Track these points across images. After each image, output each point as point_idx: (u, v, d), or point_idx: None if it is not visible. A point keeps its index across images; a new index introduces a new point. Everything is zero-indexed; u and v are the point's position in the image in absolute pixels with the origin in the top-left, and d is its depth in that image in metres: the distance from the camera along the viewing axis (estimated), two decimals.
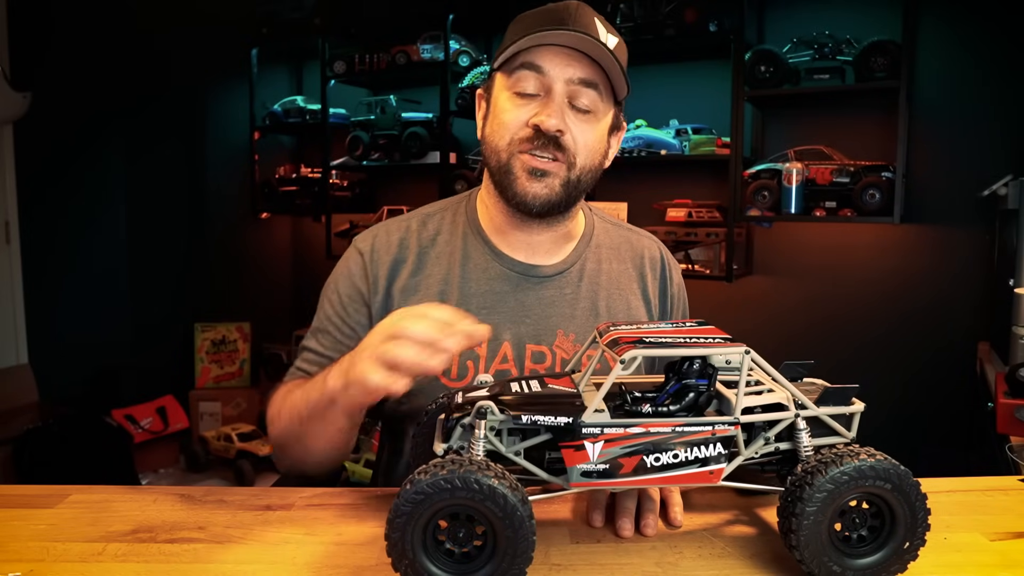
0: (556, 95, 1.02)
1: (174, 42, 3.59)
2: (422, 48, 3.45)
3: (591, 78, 1.03)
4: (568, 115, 1.03)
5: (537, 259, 1.14)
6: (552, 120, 1.01)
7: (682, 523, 0.79)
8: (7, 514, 0.87)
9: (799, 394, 0.74)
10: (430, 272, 1.13)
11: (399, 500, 0.64)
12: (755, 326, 3.07)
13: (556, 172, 1.05)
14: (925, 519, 0.69)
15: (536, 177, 1.04)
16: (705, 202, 3.04)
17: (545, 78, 1.02)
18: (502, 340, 1.10)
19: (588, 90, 1.03)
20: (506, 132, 1.05)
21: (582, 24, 1.01)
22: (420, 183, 3.77)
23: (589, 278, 1.16)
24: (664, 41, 2.93)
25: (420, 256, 1.14)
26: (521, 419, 0.71)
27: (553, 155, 1.04)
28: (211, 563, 0.76)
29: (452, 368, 1.08)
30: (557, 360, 1.10)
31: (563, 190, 1.06)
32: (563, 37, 1.00)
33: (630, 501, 0.80)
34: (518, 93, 1.04)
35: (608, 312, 1.15)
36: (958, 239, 2.72)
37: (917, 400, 2.79)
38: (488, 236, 1.15)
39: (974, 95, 2.67)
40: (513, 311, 1.11)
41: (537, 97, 1.04)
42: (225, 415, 3.82)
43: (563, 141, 1.03)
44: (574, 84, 1.03)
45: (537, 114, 1.03)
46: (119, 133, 3.61)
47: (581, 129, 1.05)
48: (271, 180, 4.11)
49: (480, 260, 1.13)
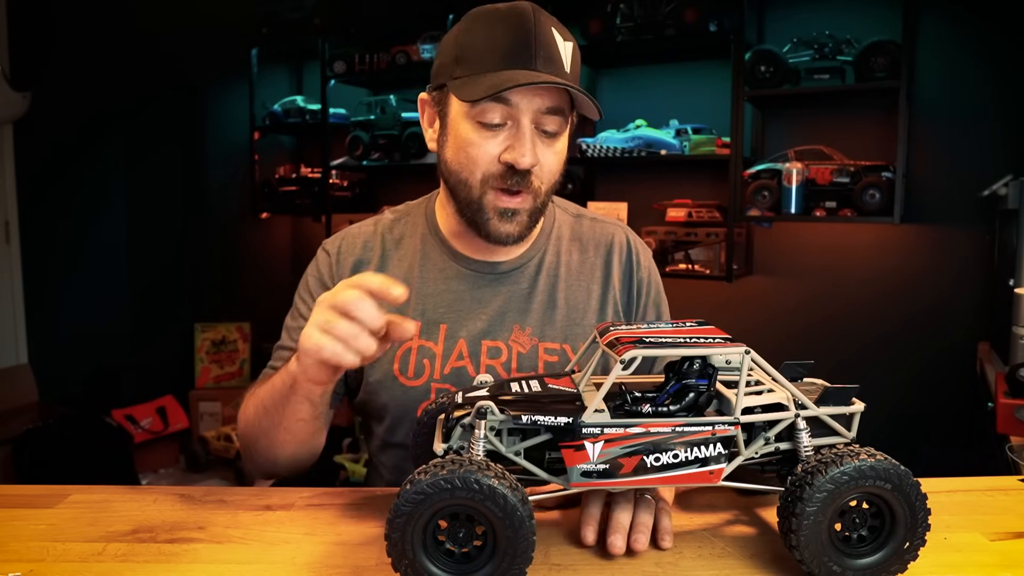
0: (525, 128, 0.99)
1: (174, 42, 3.59)
2: (422, 48, 3.45)
3: (558, 105, 1.01)
4: (536, 143, 1.01)
5: (495, 256, 1.15)
6: (527, 159, 0.99)
7: (670, 547, 0.79)
8: (7, 514, 0.87)
9: (799, 394, 0.74)
10: (392, 273, 1.14)
11: (399, 500, 0.64)
12: (755, 326, 3.07)
13: (523, 207, 1.04)
14: (925, 519, 0.69)
15: (508, 219, 1.04)
16: (705, 202, 3.04)
17: (513, 110, 0.99)
18: (458, 338, 1.11)
19: (555, 117, 1.01)
20: (476, 168, 1.02)
21: (544, 46, 0.98)
22: (420, 183, 3.75)
23: (547, 271, 1.16)
24: (664, 41, 2.93)
25: (384, 257, 1.17)
26: (521, 419, 0.71)
27: (521, 188, 1.03)
28: (211, 563, 0.76)
29: (409, 367, 1.10)
30: (513, 354, 1.11)
31: (531, 220, 1.06)
32: (534, 77, 0.96)
33: (625, 517, 0.78)
34: (482, 123, 1.00)
35: (567, 303, 1.15)
36: (958, 239, 2.72)
37: (917, 400, 2.79)
38: (446, 238, 1.16)
39: (974, 95, 2.67)
40: (469, 309, 1.13)
41: (504, 127, 1.00)
42: (225, 415, 3.82)
43: (534, 172, 1.02)
44: (542, 114, 1.00)
45: (509, 150, 1.00)
46: (119, 133, 3.61)
47: (547, 154, 1.03)
48: (271, 180, 4.11)
49: (438, 260, 1.15)
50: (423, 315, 1.12)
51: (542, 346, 1.11)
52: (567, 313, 1.14)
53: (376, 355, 0.82)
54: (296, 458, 1.07)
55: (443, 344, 1.11)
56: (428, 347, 1.10)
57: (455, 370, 1.10)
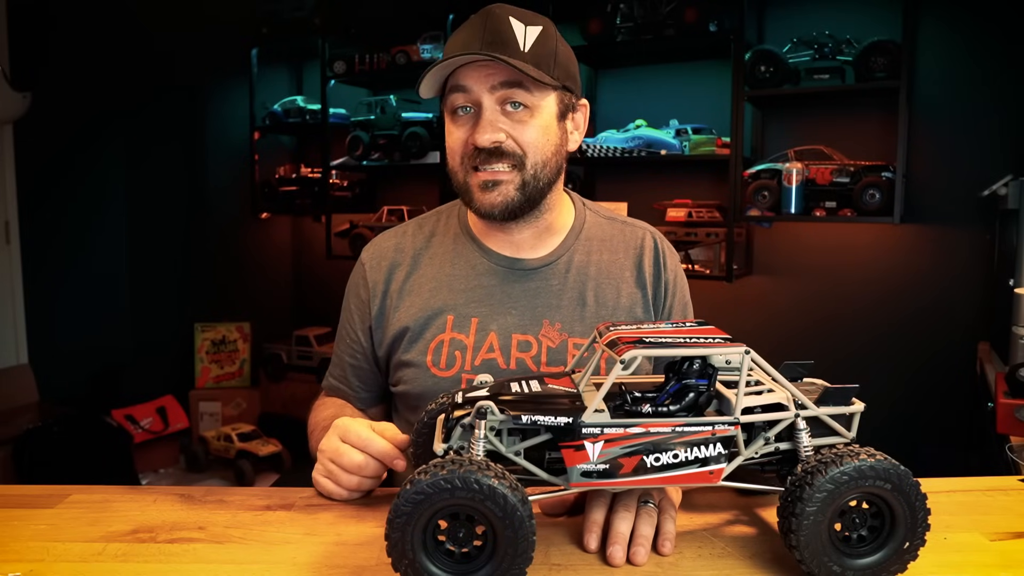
0: (485, 109, 1.07)
1: (174, 42, 3.59)
2: (422, 48, 3.44)
3: (513, 78, 1.06)
4: (504, 120, 1.07)
5: (522, 253, 1.20)
6: (485, 135, 1.07)
7: (670, 553, 0.78)
8: (7, 514, 0.87)
9: (799, 394, 0.74)
10: (423, 272, 1.21)
11: (399, 500, 0.64)
12: (755, 326, 3.07)
13: (509, 179, 1.10)
14: (925, 519, 0.69)
15: (489, 189, 1.10)
16: (705, 202, 3.04)
17: (471, 94, 1.07)
18: (489, 331, 1.15)
19: (515, 90, 1.07)
20: (454, 154, 1.12)
21: (492, 32, 1.05)
22: (420, 183, 3.77)
23: (577, 269, 1.20)
24: (664, 41, 2.93)
25: (415, 258, 1.22)
26: (521, 419, 0.71)
27: (500, 164, 1.08)
28: (211, 563, 0.76)
29: (441, 358, 1.14)
30: (543, 348, 1.14)
31: (520, 192, 1.11)
32: (470, 59, 1.04)
33: (625, 527, 0.78)
34: (453, 113, 1.11)
35: (596, 302, 1.18)
36: (958, 239, 2.72)
37: (917, 400, 2.79)
38: (476, 235, 1.21)
39: (974, 95, 2.67)
40: (500, 303, 1.17)
41: (471, 112, 1.09)
42: (225, 415, 3.82)
43: (504, 148, 1.08)
44: (499, 89, 1.06)
45: (472, 133, 1.08)
46: (119, 133, 3.60)
47: (520, 129, 1.09)
48: (271, 180, 4.11)
49: (470, 257, 1.20)
50: (455, 309, 1.16)
51: (571, 341, 1.15)
52: (596, 310, 1.17)
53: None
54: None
55: (474, 336, 1.15)
56: (460, 339, 1.14)
57: (486, 362, 1.14)
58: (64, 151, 3.38)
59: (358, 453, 0.92)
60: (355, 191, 4.00)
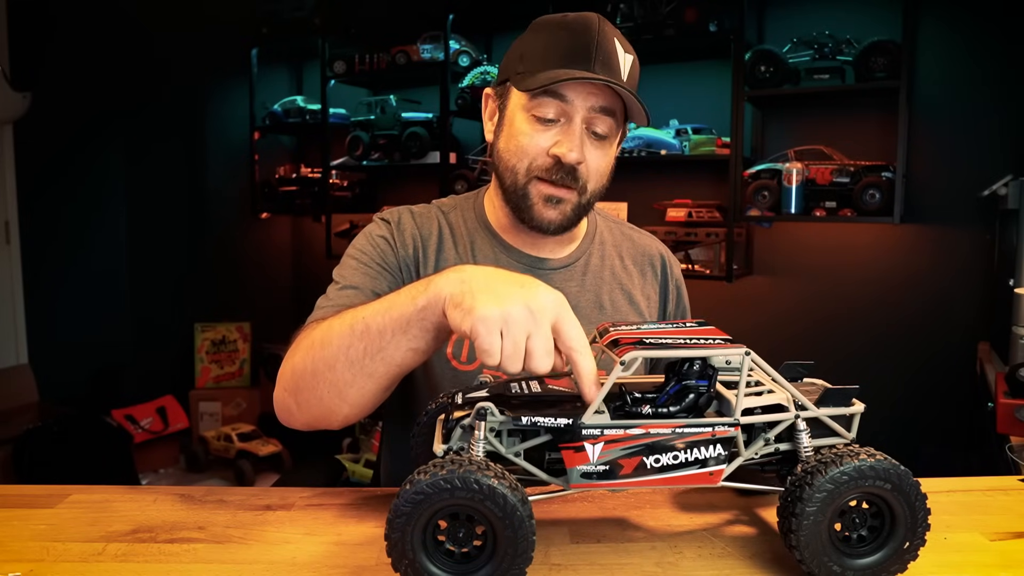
0: (576, 125, 1.05)
1: (174, 42, 3.60)
2: (422, 48, 3.45)
3: (611, 106, 1.05)
4: (585, 142, 1.06)
5: (543, 253, 1.19)
6: (574, 154, 1.04)
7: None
8: (7, 514, 0.87)
9: (799, 395, 0.74)
10: (446, 258, 1.17)
11: (399, 500, 0.64)
12: (755, 326, 3.07)
13: (569, 199, 1.09)
14: (925, 519, 0.69)
15: (552, 204, 1.08)
16: (705, 202, 3.04)
17: (568, 107, 1.04)
18: None
19: (606, 117, 1.06)
20: (525, 157, 1.07)
21: (605, 53, 1.02)
22: (420, 183, 3.77)
23: (593, 273, 1.21)
24: (664, 41, 2.93)
25: (441, 238, 1.18)
26: (521, 420, 0.71)
27: (568, 184, 1.07)
28: (211, 563, 0.76)
29: (462, 351, 1.12)
30: None
31: (574, 214, 1.10)
32: (590, 75, 1.00)
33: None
34: (537, 117, 1.05)
35: (611, 305, 1.19)
36: (958, 239, 2.72)
37: (917, 400, 2.79)
38: (496, 231, 1.20)
39: (974, 95, 2.67)
40: None
41: (556, 123, 1.05)
42: (225, 415, 3.82)
43: (579, 170, 1.07)
44: (595, 112, 1.05)
45: (558, 144, 1.05)
46: (119, 133, 3.61)
47: (595, 156, 1.08)
48: (271, 180, 4.11)
49: (489, 253, 1.18)
50: None
51: None
52: (611, 315, 1.18)
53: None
54: (372, 401, 0.92)
55: None
56: None
57: None
58: (64, 151, 3.38)
59: (557, 356, 0.76)
60: (355, 191, 4.00)
